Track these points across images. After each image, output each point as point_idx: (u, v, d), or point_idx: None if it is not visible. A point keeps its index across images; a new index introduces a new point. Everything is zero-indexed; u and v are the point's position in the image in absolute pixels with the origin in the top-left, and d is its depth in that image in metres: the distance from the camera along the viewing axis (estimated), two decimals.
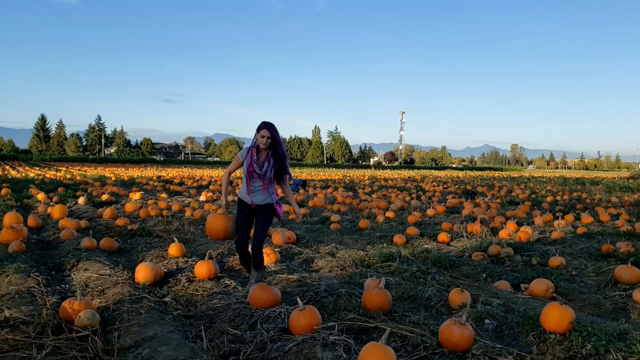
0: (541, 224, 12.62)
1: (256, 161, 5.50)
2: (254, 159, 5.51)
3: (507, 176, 57.41)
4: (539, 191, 26.55)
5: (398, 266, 7.50)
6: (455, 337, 4.10)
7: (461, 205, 17.18)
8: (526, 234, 10.06)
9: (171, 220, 11.79)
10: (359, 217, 14.04)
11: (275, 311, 4.99)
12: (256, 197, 5.61)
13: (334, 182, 33.07)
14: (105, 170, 49.05)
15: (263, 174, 5.51)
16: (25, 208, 15.28)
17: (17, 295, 5.42)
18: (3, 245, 8.37)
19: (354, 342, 4.24)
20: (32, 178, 30.13)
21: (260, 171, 5.50)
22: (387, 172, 65.30)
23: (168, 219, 12.03)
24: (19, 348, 4.06)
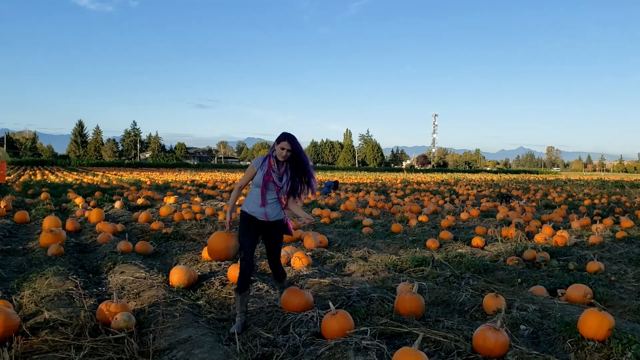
0: (578, 228, 12.34)
1: (275, 170, 4.96)
2: (273, 167, 4.96)
3: (543, 179, 56.40)
4: (576, 194, 25.99)
5: (431, 271, 7.43)
6: (489, 343, 4.04)
7: (495, 209, 16.94)
8: (563, 238, 9.85)
9: (204, 224, 11.92)
10: (392, 221, 13.96)
11: (308, 315, 5.00)
12: (270, 211, 5.01)
13: (365, 186, 33.00)
14: (140, 174, 49.91)
15: (281, 187, 4.97)
16: (64, 212, 15.65)
17: (56, 297, 5.56)
18: (43, 249, 8.60)
19: (387, 347, 4.21)
20: (70, 183, 30.87)
21: (280, 183, 4.96)
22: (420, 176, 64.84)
23: (201, 223, 12.17)
24: (58, 349, 4.15)
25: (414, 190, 28.47)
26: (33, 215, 13.58)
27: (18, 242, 9.96)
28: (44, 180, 34.78)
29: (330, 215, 14.42)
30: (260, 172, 4.96)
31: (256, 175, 4.97)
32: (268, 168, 4.95)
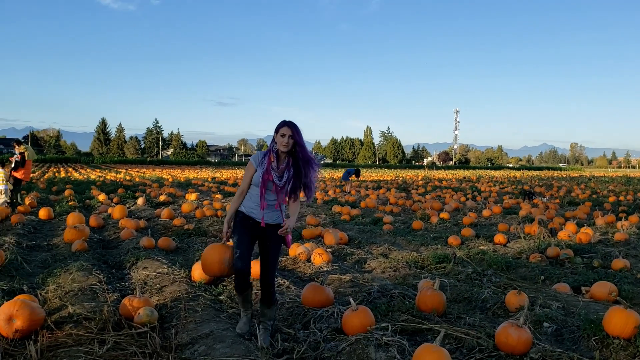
0: (603, 225, 12.16)
1: (275, 168, 4.39)
2: (273, 165, 4.39)
3: (567, 176, 55.67)
4: (600, 191, 25.59)
5: (453, 268, 7.38)
6: (512, 340, 4.00)
7: (518, 206, 16.76)
8: (587, 236, 9.71)
9: None
10: (412, 218, 13.90)
11: (328, 311, 5.00)
12: (268, 214, 4.46)
13: (386, 183, 32.89)
14: (162, 172, 50.41)
15: (281, 186, 4.42)
16: (87, 208, 15.87)
17: (80, 292, 5.63)
18: (67, 244, 8.73)
19: (408, 343, 4.19)
20: (93, 180, 31.30)
21: (279, 182, 4.39)
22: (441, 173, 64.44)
23: (223, 219, 12.24)
24: (82, 343, 4.21)
25: (435, 187, 28.30)
26: (57, 212, 13.80)
27: (42, 238, 10.13)
28: (67, 177, 35.32)
29: (351, 212, 14.40)
30: (260, 170, 4.41)
31: (256, 173, 4.43)
32: (268, 165, 4.39)
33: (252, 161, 4.49)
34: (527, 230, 10.61)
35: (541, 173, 73.37)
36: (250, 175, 4.46)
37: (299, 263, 7.70)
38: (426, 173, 60.23)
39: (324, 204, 17.72)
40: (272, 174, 4.38)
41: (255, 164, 4.46)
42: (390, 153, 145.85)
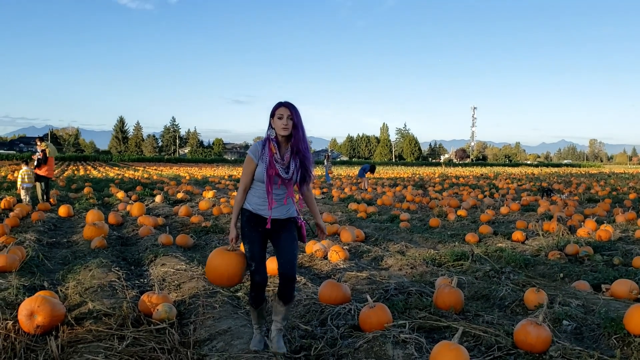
0: (623, 222, 11.99)
1: (279, 160, 3.87)
2: (276, 157, 3.86)
3: (586, 172, 55.05)
4: (621, 188, 25.26)
5: (470, 265, 7.34)
6: (531, 338, 3.96)
7: (536, 203, 16.61)
8: (607, 233, 9.59)
9: None
10: (429, 215, 13.84)
11: (345, 308, 5.01)
12: (277, 210, 3.98)
13: (402, 180, 32.78)
14: (180, 169, 50.73)
15: (289, 178, 3.90)
16: (106, 206, 16.03)
17: (99, 289, 5.70)
18: (86, 241, 8.84)
19: (426, 340, 4.18)
20: (112, 177, 31.61)
21: (286, 174, 3.88)
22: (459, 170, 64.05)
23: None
24: (102, 339, 4.26)
25: (453, 185, 28.14)
26: (77, 209, 13.98)
27: (62, 235, 10.26)
28: (86, 175, 35.72)
29: (367, 209, 14.38)
30: (261, 164, 3.88)
31: (257, 168, 3.90)
32: (270, 157, 3.86)
33: (251, 155, 3.93)
34: (546, 228, 10.52)
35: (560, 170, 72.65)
36: (251, 170, 3.93)
37: (315, 260, 7.71)
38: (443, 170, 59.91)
39: (340, 202, 17.72)
40: (277, 167, 3.85)
41: (255, 157, 3.91)
42: (406, 150, 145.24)
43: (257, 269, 3.99)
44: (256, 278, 4.02)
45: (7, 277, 6.22)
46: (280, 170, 3.86)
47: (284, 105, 3.83)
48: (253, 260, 3.99)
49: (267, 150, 3.87)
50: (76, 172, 41.62)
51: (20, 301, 4.91)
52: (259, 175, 3.90)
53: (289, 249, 4.02)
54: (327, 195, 20.17)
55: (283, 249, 4.03)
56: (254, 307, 4.19)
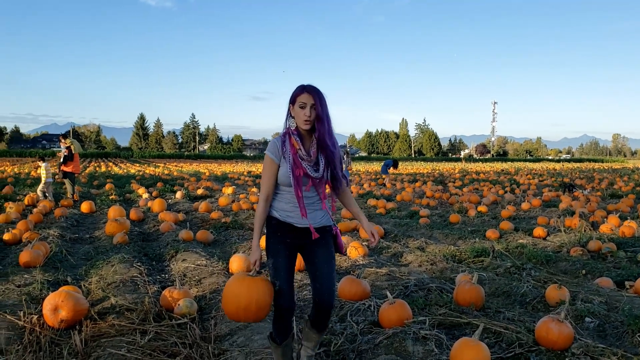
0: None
1: (305, 156, 3.20)
2: (301, 153, 3.20)
3: (609, 168, 54.25)
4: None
5: (491, 261, 7.29)
6: (553, 335, 3.93)
7: (558, 199, 16.42)
8: (630, 229, 9.45)
9: None
10: (450, 211, 13.76)
11: (365, 304, 5.00)
12: (312, 217, 3.28)
13: (422, 176, 32.63)
14: (199, 166, 51.12)
15: (320, 177, 3.24)
16: (127, 202, 16.22)
17: (121, 284, 5.78)
18: (108, 237, 8.95)
19: (446, 337, 4.17)
20: (133, 174, 31.97)
21: (317, 173, 3.21)
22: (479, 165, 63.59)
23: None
24: (124, 333, 4.32)
25: (473, 180, 27.95)
26: (99, 205, 14.17)
27: (85, 231, 10.40)
28: (108, 171, 36.18)
29: (386, 205, 14.34)
30: (285, 164, 3.20)
31: (280, 170, 3.21)
32: (293, 154, 3.19)
33: (271, 155, 3.23)
34: (568, 224, 10.39)
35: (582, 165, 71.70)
36: (273, 173, 3.22)
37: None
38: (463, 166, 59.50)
39: (359, 197, 17.69)
40: (305, 166, 3.18)
41: (276, 156, 3.22)
42: (426, 146, 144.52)
43: (283, 290, 3.21)
44: (281, 302, 3.22)
45: (32, 272, 6.34)
46: (309, 168, 3.19)
47: (307, 91, 3.13)
48: (277, 277, 3.22)
49: (289, 146, 3.19)
50: (98, 168, 42.15)
51: (45, 296, 5.00)
52: (283, 178, 3.19)
53: (327, 272, 3.30)
54: None
55: (320, 271, 3.29)
56: (277, 343, 3.39)
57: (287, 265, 3.27)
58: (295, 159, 3.18)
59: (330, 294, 3.28)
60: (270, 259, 3.27)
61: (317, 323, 3.41)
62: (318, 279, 3.28)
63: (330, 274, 3.30)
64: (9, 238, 8.45)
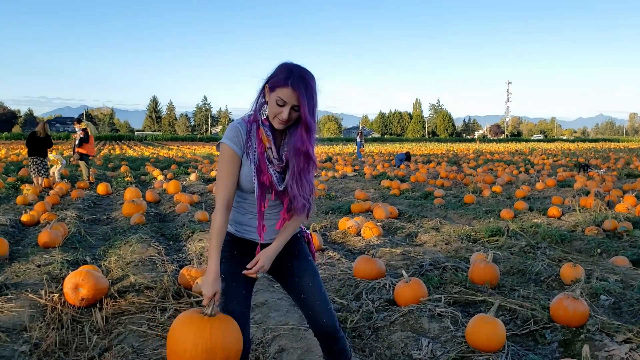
0: None
1: (275, 159, 2.40)
2: (270, 154, 2.40)
3: (625, 147, 53.65)
4: None
5: (506, 241, 7.30)
6: (568, 312, 3.94)
7: (573, 179, 16.32)
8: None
9: None
10: (464, 191, 13.73)
11: (380, 283, 5.05)
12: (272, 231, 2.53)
13: (436, 157, 32.51)
14: (212, 148, 51.21)
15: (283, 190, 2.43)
16: (142, 184, 16.36)
17: (140, 263, 5.87)
18: (125, 218, 9.07)
19: (461, 314, 4.21)
20: (147, 156, 32.17)
21: (281, 184, 2.43)
22: (493, 146, 63.14)
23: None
24: (144, 310, 4.40)
25: (487, 161, 27.81)
26: (114, 187, 14.32)
27: (102, 212, 10.54)
28: (122, 154, 36.43)
29: (400, 186, 14.34)
30: (247, 163, 2.40)
31: (242, 169, 2.41)
32: (260, 154, 2.38)
33: (231, 145, 2.37)
34: (583, 203, 10.34)
35: (597, 145, 70.98)
36: (234, 170, 2.39)
37: (348, 237, 7.75)
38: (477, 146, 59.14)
39: (373, 179, 17.70)
40: (270, 171, 2.40)
41: (239, 149, 2.38)
42: (440, 126, 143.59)
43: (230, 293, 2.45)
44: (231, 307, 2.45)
45: (51, 252, 6.45)
46: (275, 176, 2.41)
47: (292, 86, 2.24)
48: (228, 308, 2.43)
49: (256, 140, 2.38)
50: (112, 151, 42.44)
51: (65, 275, 5.10)
52: (245, 181, 2.41)
53: (315, 291, 2.58)
54: (359, 173, 20.16)
55: (306, 293, 2.57)
56: None
57: (243, 292, 2.48)
58: (261, 161, 2.37)
59: (329, 315, 2.56)
60: (222, 282, 2.37)
61: (333, 355, 2.68)
62: (306, 304, 2.57)
63: (320, 292, 2.57)
64: (27, 219, 8.59)
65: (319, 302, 2.54)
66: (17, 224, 8.52)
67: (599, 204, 9.83)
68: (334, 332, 2.58)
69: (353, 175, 19.50)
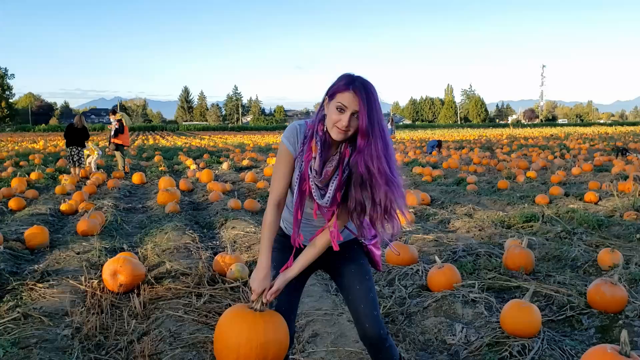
0: None
1: (316, 172, 2.28)
2: (313, 164, 2.29)
3: None
4: None
5: (541, 226, 7.19)
6: (605, 298, 3.88)
7: (610, 163, 15.94)
8: None
9: None
10: (497, 177, 13.56)
11: (413, 269, 5.04)
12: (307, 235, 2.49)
13: (469, 143, 32.12)
14: (243, 137, 51.63)
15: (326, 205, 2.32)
16: (176, 173, 16.60)
17: (175, 250, 5.97)
18: (160, 207, 9.23)
19: (495, 300, 4.18)
20: (180, 146, 32.58)
21: (322, 199, 2.31)
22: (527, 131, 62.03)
23: None
24: (180, 296, 4.49)
25: (521, 146, 27.34)
26: (149, 177, 14.57)
27: (137, 201, 10.74)
28: (155, 144, 36.99)
29: (432, 173, 14.23)
30: (297, 165, 2.35)
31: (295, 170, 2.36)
32: (305, 161, 2.31)
33: (287, 143, 2.36)
34: (621, 188, 10.10)
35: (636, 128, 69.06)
36: (289, 168, 2.36)
37: None
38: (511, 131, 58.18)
39: (404, 166, 17.59)
40: (311, 182, 2.31)
41: (294, 148, 2.35)
42: (472, 112, 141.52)
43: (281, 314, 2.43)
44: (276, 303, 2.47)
45: (89, 240, 6.61)
46: (314, 189, 2.31)
47: (354, 89, 2.16)
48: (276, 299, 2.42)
49: (307, 148, 2.31)
50: (145, 141, 43.13)
51: (103, 262, 5.23)
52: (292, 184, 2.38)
53: (362, 295, 2.49)
54: None
55: (352, 295, 2.52)
56: None
57: (293, 282, 2.43)
58: (305, 168, 2.30)
59: (374, 321, 2.46)
60: (273, 270, 2.39)
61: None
62: (352, 304, 2.52)
63: (367, 296, 2.48)
64: (66, 209, 8.83)
65: (364, 306, 2.46)
66: (57, 213, 8.77)
67: (638, 188, 9.60)
68: (377, 340, 2.48)
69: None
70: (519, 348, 3.38)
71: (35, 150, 26.60)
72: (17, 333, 3.71)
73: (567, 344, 3.49)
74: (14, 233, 6.74)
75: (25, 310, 4.10)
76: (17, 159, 20.14)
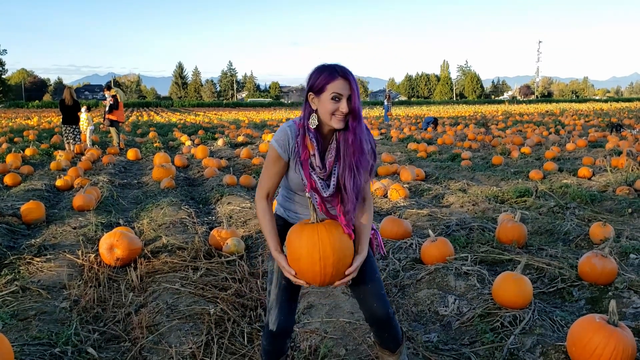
0: None
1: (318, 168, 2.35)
2: (313, 161, 2.35)
3: None
4: None
5: (534, 201, 7.25)
6: (596, 270, 3.95)
7: (605, 139, 15.99)
8: None
9: None
10: (492, 153, 13.59)
11: (407, 242, 5.10)
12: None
13: (464, 119, 32.08)
14: (238, 114, 51.39)
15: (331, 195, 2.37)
16: (171, 149, 16.57)
17: (171, 225, 6.01)
18: (155, 182, 9.25)
19: (488, 273, 4.24)
20: (174, 122, 32.44)
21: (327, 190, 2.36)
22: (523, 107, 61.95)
23: None
24: (177, 270, 4.54)
25: (516, 122, 27.35)
26: (143, 153, 14.58)
27: (132, 177, 10.75)
28: (150, 120, 36.78)
29: (427, 149, 14.26)
30: (293, 166, 2.41)
31: (290, 172, 2.43)
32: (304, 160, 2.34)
33: (278, 148, 2.37)
34: (614, 164, 10.16)
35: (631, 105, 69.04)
36: (277, 172, 2.43)
37: (375, 199, 7.78)
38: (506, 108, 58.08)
39: (399, 142, 17.61)
40: (314, 178, 2.35)
41: (285, 152, 2.38)
42: (468, 88, 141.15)
43: (280, 305, 2.46)
44: (274, 319, 2.44)
45: (85, 215, 6.65)
46: (320, 183, 2.36)
47: (341, 77, 2.25)
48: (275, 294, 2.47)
49: (302, 146, 2.34)
50: (140, 117, 42.87)
51: (100, 237, 5.26)
52: (293, 183, 2.46)
53: (367, 273, 2.47)
54: (386, 136, 20.06)
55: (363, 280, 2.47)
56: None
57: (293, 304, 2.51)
58: (304, 168, 2.34)
59: (381, 301, 2.48)
60: (272, 260, 2.47)
61: (384, 341, 2.61)
62: (357, 287, 2.51)
63: (373, 275, 2.49)
64: (61, 184, 8.84)
65: (371, 286, 2.47)
66: (52, 189, 8.78)
67: (632, 163, 9.66)
68: (386, 319, 2.50)
69: (380, 138, 19.40)
70: (510, 319, 3.45)
71: (29, 127, 26.44)
72: (15, 305, 3.76)
73: (558, 314, 3.56)
74: (10, 208, 6.76)
75: (23, 284, 4.15)
76: (12, 135, 20.03)
